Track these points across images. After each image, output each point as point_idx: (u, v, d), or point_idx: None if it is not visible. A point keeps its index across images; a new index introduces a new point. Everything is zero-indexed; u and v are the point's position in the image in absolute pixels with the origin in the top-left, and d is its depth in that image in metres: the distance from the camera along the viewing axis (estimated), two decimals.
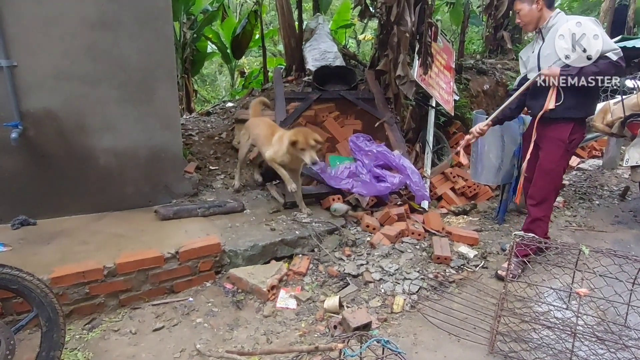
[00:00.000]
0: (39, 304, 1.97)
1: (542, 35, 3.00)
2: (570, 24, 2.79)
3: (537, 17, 2.97)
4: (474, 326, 2.53)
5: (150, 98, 3.30)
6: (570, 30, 2.77)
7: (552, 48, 2.89)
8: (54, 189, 3.15)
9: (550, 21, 2.94)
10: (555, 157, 2.98)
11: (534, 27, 3.03)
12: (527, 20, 3.01)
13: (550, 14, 2.95)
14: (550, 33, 2.92)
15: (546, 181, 3.03)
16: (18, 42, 2.86)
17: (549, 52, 2.91)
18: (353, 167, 3.86)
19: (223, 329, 2.53)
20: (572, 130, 2.94)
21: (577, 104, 2.89)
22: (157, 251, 2.75)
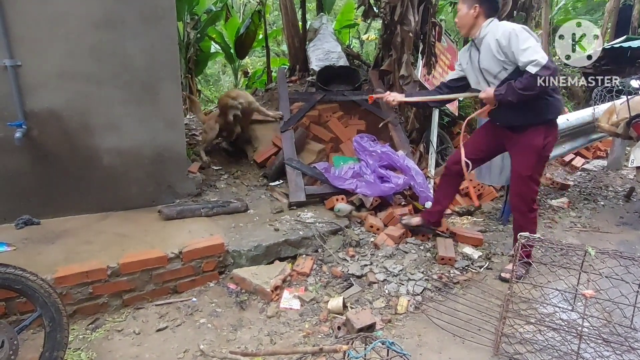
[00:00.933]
0: (42, 304, 1.96)
1: (476, 46, 2.90)
2: (499, 35, 2.70)
3: (470, 23, 2.86)
4: (478, 327, 2.52)
5: (154, 98, 3.30)
6: (498, 42, 2.71)
7: (489, 61, 2.80)
8: (58, 188, 3.15)
9: (482, 31, 2.82)
10: (531, 164, 2.89)
11: (466, 33, 2.92)
12: (461, 24, 2.91)
13: (483, 23, 2.82)
14: (483, 45, 2.82)
15: (524, 188, 2.95)
16: (22, 41, 2.85)
17: (487, 66, 2.83)
18: (357, 167, 3.85)
19: (227, 330, 2.53)
20: (545, 134, 2.86)
21: (537, 109, 2.82)
22: (161, 251, 2.74)
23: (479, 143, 3.18)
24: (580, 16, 11.46)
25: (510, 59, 2.71)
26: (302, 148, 4.31)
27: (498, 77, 2.83)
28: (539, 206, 3.28)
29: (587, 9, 12.89)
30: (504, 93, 2.72)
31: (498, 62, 2.77)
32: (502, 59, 2.74)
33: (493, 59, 2.79)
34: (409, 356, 1.55)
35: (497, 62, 2.78)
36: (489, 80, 2.88)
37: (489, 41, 2.78)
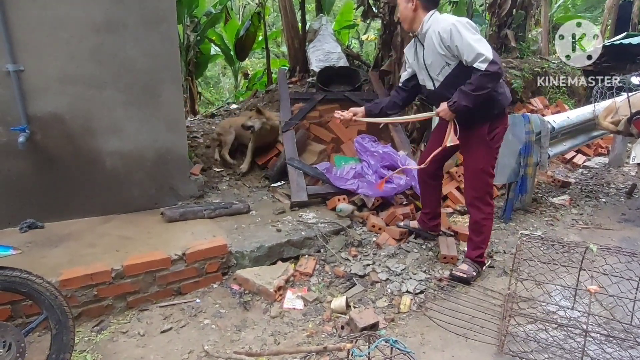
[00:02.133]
0: (48, 306, 1.98)
1: (420, 41, 2.79)
2: (440, 29, 2.59)
3: (410, 17, 2.74)
4: (481, 326, 2.52)
5: (156, 100, 3.32)
6: (440, 36, 2.60)
7: (432, 56, 2.70)
8: (61, 192, 3.17)
9: (424, 25, 2.71)
10: (484, 157, 2.82)
11: (408, 27, 2.82)
12: (402, 18, 2.84)
13: (424, 17, 2.71)
14: (426, 39, 2.71)
15: (477, 181, 2.87)
16: (25, 46, 2.87)
17: (432, 61, 2.72)
18: (359, 167, 3.86)
19: (230, 330, 2.54)
20: (490, 127, 2.78)
21: (483, 107, 2.68)
22: (164, 253, 2.76)
23: (436, 143, 3.04)
24: (579, 13, 11.47)
25: (452, 53, 2.60)
26: (304, 149, 4.33)
27: (442, 72, 2.72)
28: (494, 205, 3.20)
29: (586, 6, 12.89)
30: (457, 101, 2.60)
31: (440, 57, 2.66)
32: (444, 53, 2.63)
33: (435, 54, 2.67)
34: (413, 354, 1.57)
35: (440, 57, 2.67)
36: (433, 76, 2.78)
37: (431, 35, 2.67)
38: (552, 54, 8.23)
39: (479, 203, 2.90)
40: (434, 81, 2.79)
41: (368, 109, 3.10)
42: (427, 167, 3.05)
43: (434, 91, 2.84)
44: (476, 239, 2.97)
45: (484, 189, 2.90)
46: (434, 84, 2.81)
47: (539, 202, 4.39)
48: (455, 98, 2.59)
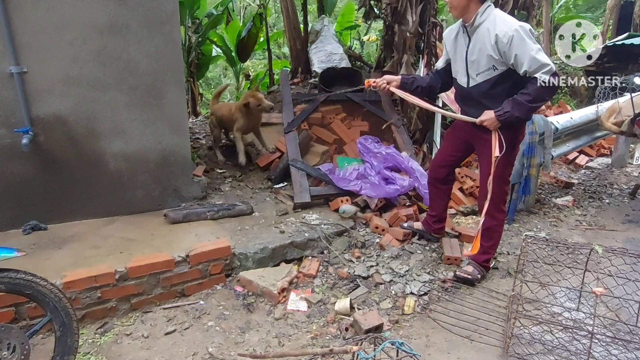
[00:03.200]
0: (52, 308, 1.97)
1: (468, 33, 2.60)
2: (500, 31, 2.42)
3: (463, 5, 2.51)
4: (486, 328, 2.52)
5: (159, 102, 3.31)
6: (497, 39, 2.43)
7: (479, 54, 2.53)
8: (65, 193, 3.17)
9: (478, 18, 2.50)
10: (503, 163, 2.72)
11: (458, 15, 2.59)
12: (453, 5, 2.55)
13: (479, 9, 2.49)
14: (477, 34, 2.52)
15: (495, 189, 2.75)
16: (28, 48, 2.87)
17: (477, 59, 2.54)
18: (362, 168, 3.86)
19: (235, 332, 2.53)
20: (512, 135, 2.67)
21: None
22: (168, 255, 2.76)
23: (449, 147, 3.04)
24: (581, 14, 11.46)
25: (504, 60, 2.47)
26: (306, 151, 4.32)
27: (484, 74, 2.57)
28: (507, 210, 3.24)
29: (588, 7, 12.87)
30: (509, 111, 2.45)
31: (489, 58, 2.51)
32: (496, 57, 2.48)
33: (484, 54, 2.51)
34: (419, 356, 1.56)
35: (488, 59, 2.51)
36: (471, 74, 2.62)
37: (484, 33, 2.49)
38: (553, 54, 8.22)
39: (492, 210, 2.82)
40: (470, 79, 2.65)
41: (404, 80, 2.92)
42: (439, 171, 3.03)
43: (466, 89, 2.72)
44: (485, 244, 2.92)
45: (500, 197, 2.83)
46: (468, 82, 2.67)
47: (542, 203, 4.38)
48: (508, 108, 2.45)
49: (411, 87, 2.91)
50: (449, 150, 3.01)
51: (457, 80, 2.77)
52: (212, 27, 7.51)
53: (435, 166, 3.09)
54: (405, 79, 2.92)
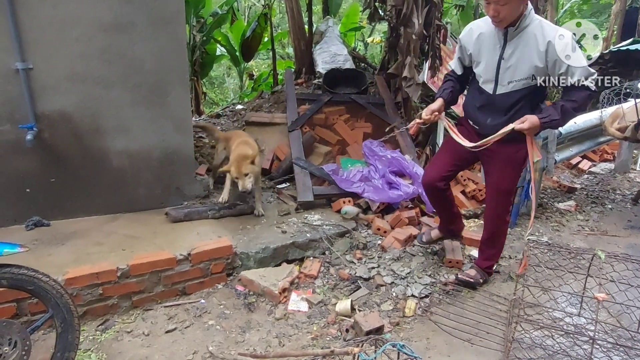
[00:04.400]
0: (54, 305, 1.98)
1: (505, 37, 2.35)
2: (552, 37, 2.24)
3: (518, 14, 2.28)
4: (486, 332, 2.51)
5: (163, 100, 3.32)
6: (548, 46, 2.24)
7: (518, 61, 2.32)
8: (68, 190, 3.17)
9: (525, 20, 2.28)
10: (512, 178, 2.69)
11: (506, 24, 2.32)
12: (508, 18, 2.27)
13: (525, 11, 2.28)
14: (520, 39, 2.30)
15: (503, 201, 2.75)
16: (34, 44, 2.88)
17: (517, 64, 2.32)
18: (365, 171, 3.86)
19: (235, 332, 2.53)
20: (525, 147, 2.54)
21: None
22: (170, 253, 2.76)
23: (449, 158, 2.81)
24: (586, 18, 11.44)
25: (548, 69, 2.29)
26: (310, 152, 4.32)
27: (519, 84, 2.36)
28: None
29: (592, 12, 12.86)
30: (557, 119, 2.30)
31: (531, 68, 2.30)
32: (541, 66, 2.28)
33: (527, 62, 2.30)
34: (420, 359, 1.56)
35: (530, 68, 2.31)
36: (502, 81, 2.41)
37: (529, 38, 2.27)
38: None
39: (497, 220, 2.82)
40: (498, 86, 2.43)
41: (448, 100, 2.66)
42: (438, 183, 2.83)
43: (490, 96, 2.49)
44: (489, 251, 2.93)
45: (506, 208, 2.81)
46: (495, 89, 2.45)
47: (544, 208, 4.37)
48: (556, 115, 2.29)
49: (455, 100, 2.78)
50: (448, 162, 2.80)
51: (480, 85, 2.53)
52: (216, 26, 7.53)
53: (433, 177, 2.84)
54: (446, 97, 2.64)
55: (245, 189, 3.20)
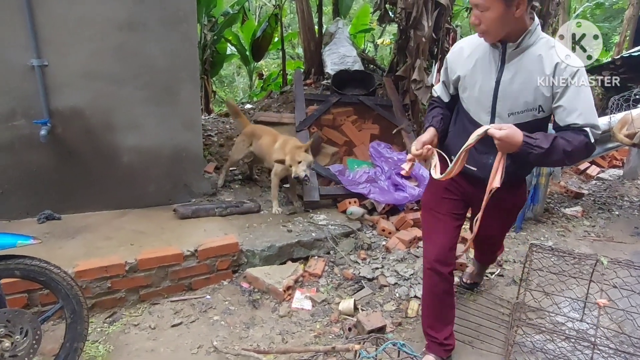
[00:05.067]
0: (64, 296, 2.03)
1: (503, 57, 1.88)
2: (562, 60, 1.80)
3: (510, 27, 1.80)
4: (488, 335, 2.53)
5: (174, 99, 3.37)
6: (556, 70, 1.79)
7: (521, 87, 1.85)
8: (79, 185, 3.24)
9: (527, 39, 1.82)
10: (508, 222, 2.38)
11: (496, 38, 1.85)
12: (492, 28, 1.80)
13: (530, 27, 1.82)
14: (521, 60, 1.85)
15: (498, 244, 2.67)
16: (49, 42, 2.95)
17: (515, 93, 1.86)
18: (372, 172, 3.88)
19: (239, 327, 2.58)
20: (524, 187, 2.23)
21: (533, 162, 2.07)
22: (177, 249, 2.81)
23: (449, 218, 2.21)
24: (598, 24, 11.36)
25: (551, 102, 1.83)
26: (317, 152, 4.35)
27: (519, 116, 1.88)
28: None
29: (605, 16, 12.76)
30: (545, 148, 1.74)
31: (537, 96, 1.83)
32: (547, 95, 1.82)
33: (531, 89, 1.83)
34: (420, 358, 1.59)
35: (535, 96, 1.83)
36: (500, 112, 1.91)
37: (533, 60, 1.83)
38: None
39: (492, 255, 2.80)
40: (495, 118, 1.92)
41: (441, 129, 2.10)
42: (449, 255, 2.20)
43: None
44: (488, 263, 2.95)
45: (501, 245, 2.76)
46: (492, 122, 1.92)
47: (550, 213, 4.37)
48: (544, 144, 1.75)
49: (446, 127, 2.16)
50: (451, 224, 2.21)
51: (472, 116, 2.00)
52: (227, 25, 7.59)
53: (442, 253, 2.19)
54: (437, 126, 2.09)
55: (298, 175, 3.36)
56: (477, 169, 2.00)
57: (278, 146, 3.64)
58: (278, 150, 3.59)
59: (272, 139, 3.76)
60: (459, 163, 1.86)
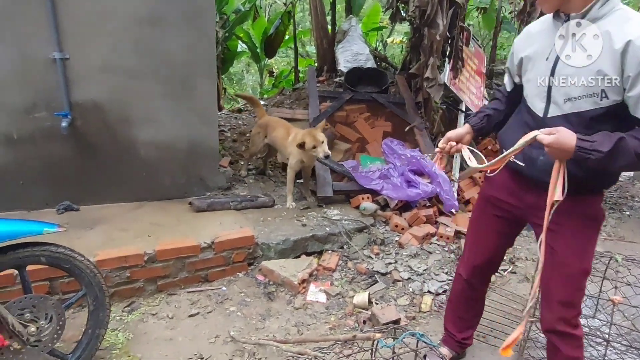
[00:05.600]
0: (87, 283, 2.08)
1: (567, 29, 1.58)
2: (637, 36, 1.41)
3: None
4: (501, 330, 2.55)
5: (191, 93, 3.41)
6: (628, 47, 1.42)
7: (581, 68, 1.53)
8: (97, 177, 3.29)
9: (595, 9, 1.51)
10: (584, 246, 1.71)
11: (554, 6, 1.60)
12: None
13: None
14: (587, 35, 1.52)
15: (572, 289, 1.75)
16: (71, 35, 3.00)
17: (574, 74, 1.55)
18: (384, 169, 3.90)
19: (255, 319, 2.62)
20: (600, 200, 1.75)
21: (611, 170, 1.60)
22: (194, 240, 2.85)
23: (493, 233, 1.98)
24: None
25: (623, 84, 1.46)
26: (330, 148, 4.35)
27: (579, 102, 1.55)
28: None
29: None
30: (603, 154, 1.43)
31: (600, 79, 1.49)
32: (614, 78, 1.47)
33: (594, 70, 1.51)
34: (439, 347, 1.61)
35: (598, 79, 1.50)
36: (556, 98, 1.61)
37: (603, 35, 1.49)
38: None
39: (568, 326, 1.78)
40: (551, 105, 1.63)
41: (478, 127, 1.93)
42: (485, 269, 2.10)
43: (540, 120, 1.66)
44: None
45: (579, 301, 1.80)
46: (546, 109, 1.65)
47: None
48: (603, 147, 1.43)
49: (490, 128, 1.98)
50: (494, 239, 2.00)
51: (528, 104, 1.73)
52: (239, 23, 7.62)
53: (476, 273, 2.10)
54: (477, 125, 1.92)
55: (327, 153, 3.41)
56: (524, 164, 1.68)
57: (292, 139, 3.68)
58: (292, 143, 3.63)
59: (286, 132, 3.81)
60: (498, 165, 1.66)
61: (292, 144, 3.65)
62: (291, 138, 3.71)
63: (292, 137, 3.70)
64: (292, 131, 3.78)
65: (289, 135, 3.76)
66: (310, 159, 3.63)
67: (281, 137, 3.83)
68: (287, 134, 3.78)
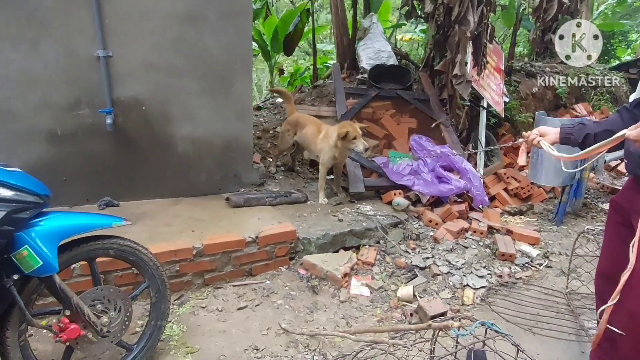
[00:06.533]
0: (150, 276, 2.12)
1: None
2: None
3: None
4: (546, 322, 2.59)
5: (228, 90, 3.45)
6: None
7: None
8: (137, 173, 3.33)
9: None
10: None
11: None
12: None
13: None
14: None
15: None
16: (114, 34, 3.04)
17: None
18: (415, 165, 3.95)
19: (303, 311, 2.66)
20: None
21: None
22: (239, 235, 2.90)
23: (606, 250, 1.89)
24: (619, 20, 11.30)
25: None
26: None
27: None
28: None
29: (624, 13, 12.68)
30: None
31: None
32: None
33: None
34: (511, 337, 1.66)
35: None
36: None
37: None
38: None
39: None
40: None
41: (566, 134, 1.86)
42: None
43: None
44: None
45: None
46: None
47: (588, 207, 4.41)
48: None
49: (579, 139, 1.84)
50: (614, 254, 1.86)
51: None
52: None
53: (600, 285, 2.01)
54: (568, 132, 1.86)
55: (366, 145, 3.47)
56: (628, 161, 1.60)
57: (323, 136, 3.71)
58: (324, 140, 3.66)
59: (317, 129, 3.82)
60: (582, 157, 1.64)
61: (323, 141, 3.68)
62: (322, 135, 3.74)
63: (324, 133, 3.73)
64: (322, 128, 3.81)
65: (320, 133, 3.78)
66: (343, 155, 3.66)
67: (312, 134, 3.84)
68: (318, 131, 3.80)
